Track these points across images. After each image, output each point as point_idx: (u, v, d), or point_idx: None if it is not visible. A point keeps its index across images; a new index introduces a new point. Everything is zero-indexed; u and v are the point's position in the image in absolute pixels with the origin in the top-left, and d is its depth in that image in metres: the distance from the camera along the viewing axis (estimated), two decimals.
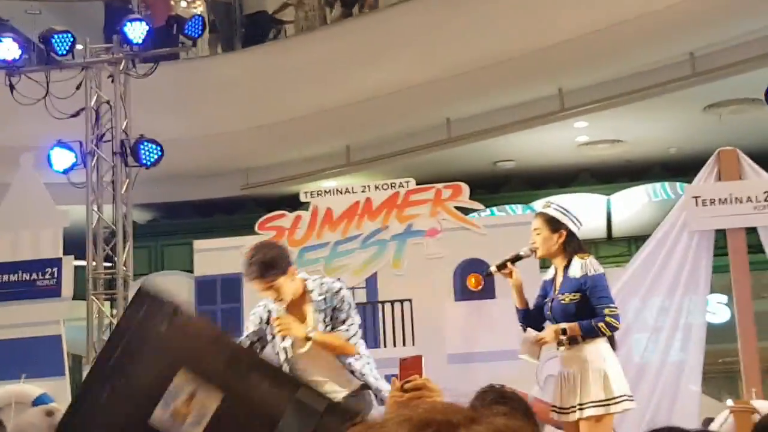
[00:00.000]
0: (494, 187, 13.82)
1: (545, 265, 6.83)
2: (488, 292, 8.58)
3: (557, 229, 6.23)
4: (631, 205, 13.89)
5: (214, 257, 9.50)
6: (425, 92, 11.88)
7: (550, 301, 6.22)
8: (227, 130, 12.75)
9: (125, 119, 10.31)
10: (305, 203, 9.45)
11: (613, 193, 14.00)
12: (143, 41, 9.90)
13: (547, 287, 6.33)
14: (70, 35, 9.92)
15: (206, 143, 12.73)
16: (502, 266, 6.34)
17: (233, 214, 14.17)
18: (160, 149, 9.96)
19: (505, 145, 12.91)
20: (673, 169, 13.50)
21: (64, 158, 10.02)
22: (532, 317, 6.32)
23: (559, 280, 6.21)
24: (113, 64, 10.33)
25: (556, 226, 6.24)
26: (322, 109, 12.31)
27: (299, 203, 9.57)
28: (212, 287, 9.40)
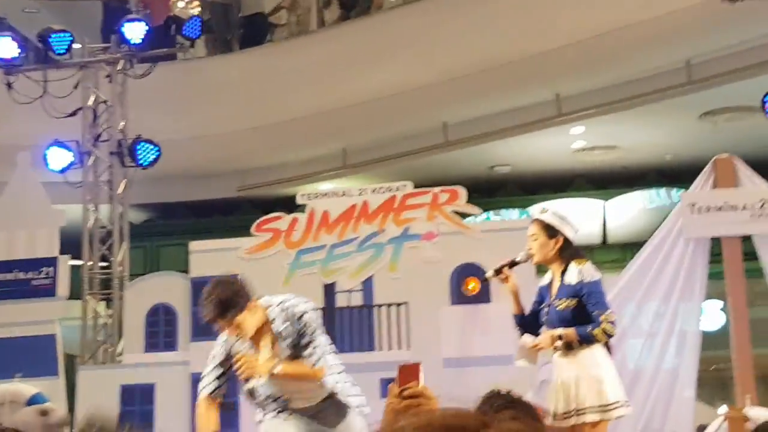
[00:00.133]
0: (490, 191, 13.82)
1: (541, 270, 6.84)
2: (484, 296, 8.61)
3: (554, 235, 6.23)
4: (626, 211, 13.90)
5: (209, 258, 9.49)
6: (422, 96, 11.88)
7: (546, 306, 6.22)
8: (224, 131, 12.74)
9: (122, 119, 10.31)
10: (301, 205, 9.45)
11: (608, 198, 14.01)
12: (141, 41, 9.91)
13: (543, 293, 6.33)
14: (68, 34, 9.93)
15: (203, 144, 12.72)
16: (498, 271, 6.34)
17: (229, 215, 14.15)
18: (157, 149, 9.97)
19: (501, 149, 12.92)
20: (668, 175, 13.52)
21: (60, 157, 10.02)
22: (528, 323, 6.32)
23: (555, 285, 6.21)
24: (111, 63, 10.34)
25: (552, 232, 6.24)
26: (319, 111, 12.30)
27: (295, 205, 9.57)
28: None
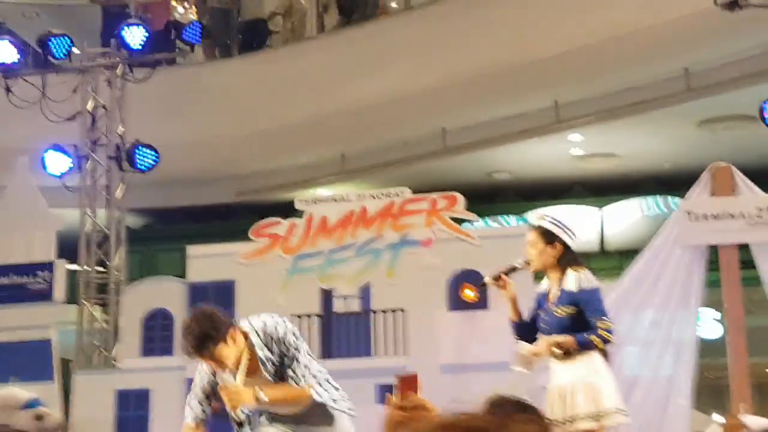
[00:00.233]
0: (488, 197, 13.81)
1: (539, 276, 6.83)
2: (481, 302, 8.59)
3: (552, 242, 6.22)
4: (624, 218, 13.91)
5: (207, 263, 9.49)
6: (421, 102, 11.89)
7: (544, 313, 6.21)
8: (222, 136, 12.74)
9: (121, 124, 10.31)
10: (299, 211, 9.44)
11: (606, 206, 14.02)
12: (140, 46, 9.90)
13: (541, 299, 6.31)
14: (67, 39, 9.93)
15: (201, 149, 12.72)
16: (496, 277, 6.33)
17: (227, 220, 14.14)
18: (155, 154, 9.96)
19: (500, 156, 12.93)
20: (666, 183, 13.52)
21: (59, 162, 10.01)
22: (526, 329, 6.30)
23: (553, 292, 6.20)
24: (110, 68, 10.34)
25: (550, 239, 6.23)
26: (317, 116, 12.31)
27: (293, 210, 9.56)
28: (205, 293, 9.38)
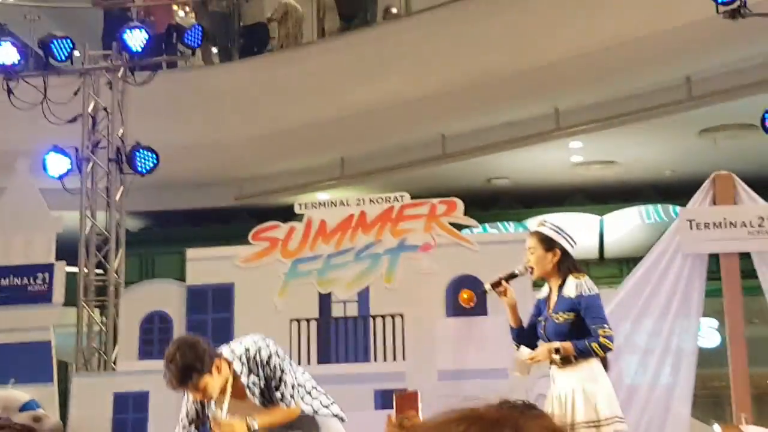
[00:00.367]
0: (488, 203, 13.82)
1: (538, 284, 6.82)
2: (480, 308, 8.56)
3: (551, 248, 6.22)
4: (623, 226, 13.89)
5: (206, 266, 9.48)
6: (421, 107, 11.89)
7: (543, 320, 6.21)
8: (222, 139, 12.74)
9: (121, 126, 10.30)
10: (298, 215, 9.44)
11: (606, 213, 14.01)
12: (141, 49, 9.90)
13: (540, 306, 6.31)
14: (69, 41, 9.92)
15: (201, 152, 12.71)
16: (496, 284, 6.33)
17: (226, 223, 14.14)
18: (155, 157, 9.95)
19: (499, 162, 12.92)
20: (666, 191, 13.51)
21: (59, 164, 9.99)
22: (525, 336, 6.30)
23: (553, 299, 6.20)
24: (111, 71, 10.34)
25: (550, 245, 6.23)
26: (317, 121, 12.30)
27: (292, 214, 9.55)
28: (204, 296, 9.39)
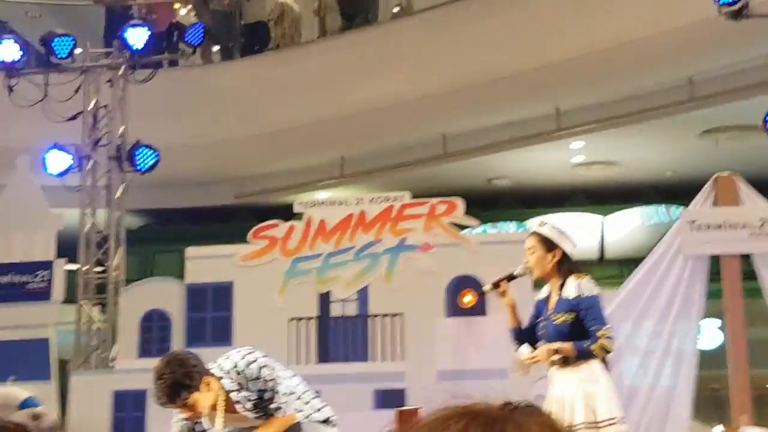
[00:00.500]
0: (488, 203, 13.78)
1: (539, 284, 6.80)
2: (479, 308, 8.56)
3: (551, 249, 6.19)
4: (624, 227, 13.88)
5: (206, 265, 9.48)
6: (422, 107, 11.87)
7: (543, 320, 6.18)
8: (223, 138, 12.72)
9: (122, 124, 10.29)
10: (298, 213, 9.42)
11: (607, 214, 13.99)
12: (143, 47, 9.89)
13: (540, 307, 6.29)
14: (70, 39, 9.91)
15: (201, 151, 12.70)
16: (496, 285, 6.31)
17: (226, 222, 14.12)
18: (156, 155, 9.94)
19: (500, 162, 12.91)
20: (667, 192, 13.49)
21: (60, 161, 9.99)
22: (525, 336, 6.28)
23: (553, 300, 6.17)
24: (112, 68, 10.32)
25: (550, 246, 6.20)
26: (317, 120, 12.29)
27: (292, 213, 9.54)
28: (203, 295, 9.38)
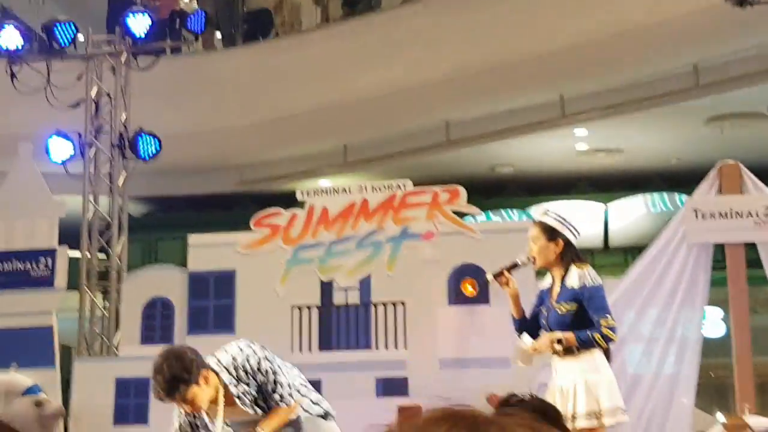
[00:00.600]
0: (491, 191, 13.76)
1: (541, 273, 6.78)
2: (482, 297, 8.53)
3: (554, 238, 6.17)
4: (629, 215, 13.85)
5: (208, 252, 9.46)
6: (425, 94, 11.84)
7: (546, 310, 6.17)
8: (225, 125, 12.70)
9: (124, 111, 10.26)
10: (301, 201, 9.40)
11: (610, 202, 13.96)
12: (145, 34, 9.86)
13: (543, 296, 6.27)
14: (72, 25, 9.88)
15: (203, 138, 12.69)
16: (499, 274, 6.28)
17: (228, 209, 14.12)
18: (158, 142, 9.92)
19: (503, 150, 12.88)
20: (672, 180, 13.46)
21: (62, 148, 9.98)
22: (527, 326, 6.26)
23: (556, 289, 6.16)
24: (115, 55, 10.29)
25: (553, 235, 6.17)
26: (320, 107, 12.27)
27: (294, 201, 9.52)
28: (206, 282, 9.36)
